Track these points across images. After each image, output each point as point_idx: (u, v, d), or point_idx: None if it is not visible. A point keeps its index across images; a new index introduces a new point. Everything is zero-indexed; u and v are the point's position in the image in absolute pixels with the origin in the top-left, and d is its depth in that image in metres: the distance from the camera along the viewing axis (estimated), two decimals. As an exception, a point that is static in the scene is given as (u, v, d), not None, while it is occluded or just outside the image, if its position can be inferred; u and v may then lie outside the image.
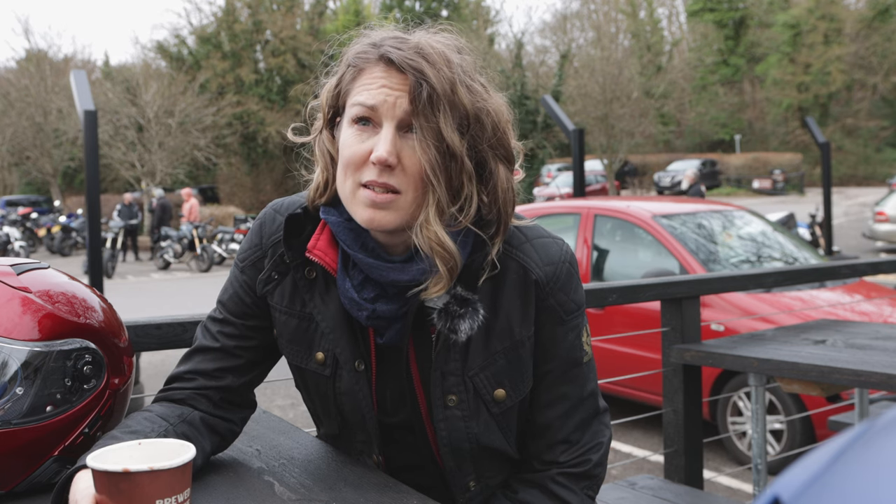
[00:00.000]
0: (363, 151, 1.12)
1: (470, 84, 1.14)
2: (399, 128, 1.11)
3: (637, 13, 42.80)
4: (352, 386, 1.23)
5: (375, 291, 1.18)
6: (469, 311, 1.15)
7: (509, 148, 1.18)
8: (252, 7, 35.31)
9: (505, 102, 1.20)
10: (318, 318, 1.23)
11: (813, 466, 0.46)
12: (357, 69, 1.15)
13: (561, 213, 6.63)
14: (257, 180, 35.56)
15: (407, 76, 1.10)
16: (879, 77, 39.24)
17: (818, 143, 11.01)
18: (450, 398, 1.20)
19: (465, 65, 1.15)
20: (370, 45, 1.15)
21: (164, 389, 1.29)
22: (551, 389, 1.25)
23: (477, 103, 1.14)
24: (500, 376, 1.21)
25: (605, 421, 1.30)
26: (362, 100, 1.12)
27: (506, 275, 1.21)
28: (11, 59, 42.86)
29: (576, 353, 1.25)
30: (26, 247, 20.90)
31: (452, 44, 1.17)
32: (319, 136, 1.22)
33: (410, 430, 1.27)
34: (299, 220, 1.23)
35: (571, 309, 1.24)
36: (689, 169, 26.05)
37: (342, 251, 1.20)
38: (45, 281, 1.21)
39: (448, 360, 1.20)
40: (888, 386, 2.09)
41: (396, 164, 1.11)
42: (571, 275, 1.25)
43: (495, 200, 1.16)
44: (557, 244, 1.25)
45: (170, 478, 0.93)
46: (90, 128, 5.45)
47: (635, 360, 5.28)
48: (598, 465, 1.26)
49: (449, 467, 1.25)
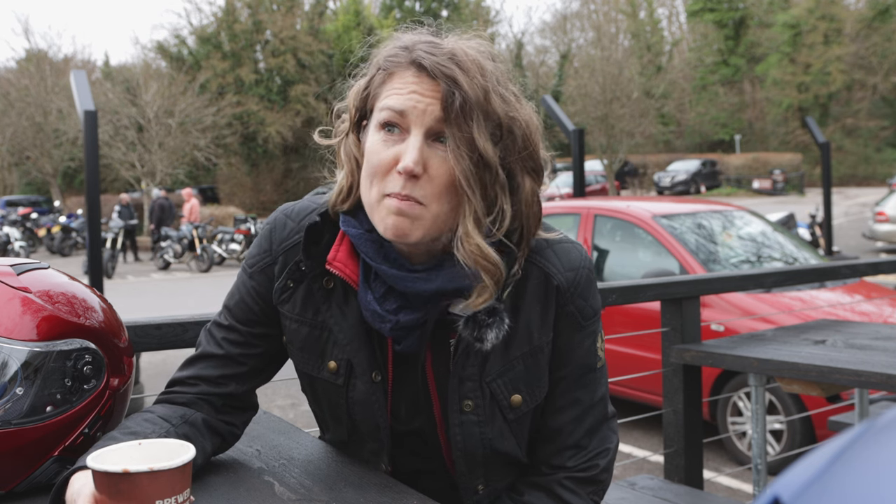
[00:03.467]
0: (389, 158, 1.09)
1: (503, 93, 1.12)
2: (427, 136, 1.09)
3: (637, 13, 42.81)
4: (367, 396, 1.22)
5: (398, 302, 1.15)
6: (496, 321, 1.13)
7: (538, 160, 1.15)
8: (252, 7, 35.31)
9: (535, 112, 1.17)
10: (335, 328, 1.21)
11: (813, 466, 0.46)
12: (387, 73, 1.12)
13: (561, 213, 6.62)
14: (257, 180, 35.55)
15: (438, 83, 1.08)
16: (879, 77, 39.23)
17: (818, 143, 11.01)
18: (466, 403, 1.19)
19: (498, 73, 1.13)
20: (401, 48, 1.12)
21: (165, 392, 1.28)
22: (565, 395, 1.24)
23: (510, 113, 1.11)
24: (518, 382, 1.20)
25: (613, 427, 1.30)
26: (391, 104, 1.09)
27: (527, 281, 1.19)
28: (11, 59, 42.93)
29: (590, 358, 1.24)
30: (26, 247, 20.90)
31: (486, 50, 1.14)
32: (346, 140, 1.19)
33: (421, 437, 1.25)
34: (317, 228, 1.21)
35: (589, 315, 1.23)
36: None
37: (363, 262, 1.18)
38: (45, 281, 1.21)
39: (466, 366, 1.18)
40: (888, 386, 2.09)
41: (422, 173, 1.08)
42: (591, 280, 1.24)
43: (519, 213, 1.14)
44: (577, 249, 1.24)
45: (170, 478, 0.93)
46: (90, 128, 5.45)
47: (635, 360, 5.28)
48: (604, 470, 1.26)
49: (460, 472, 1.24)
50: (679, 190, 34.78)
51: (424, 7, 39.06)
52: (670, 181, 35.15)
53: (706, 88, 42.06)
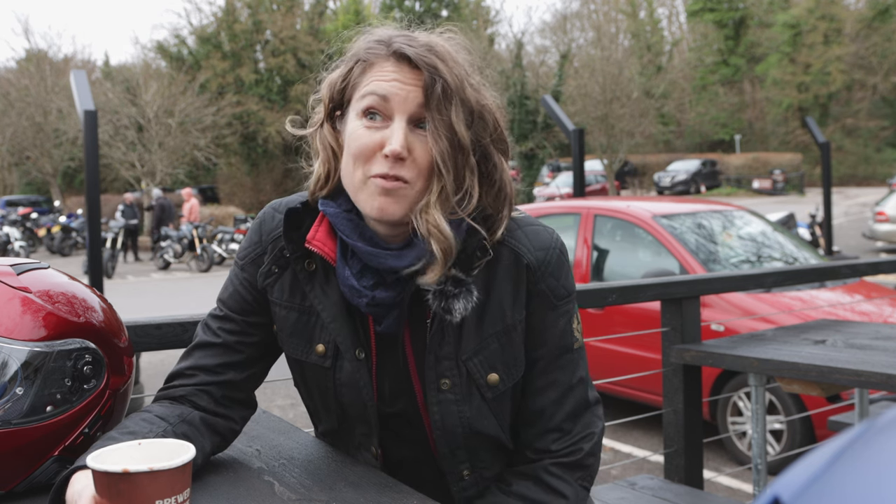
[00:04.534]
0: (373, 143, 1.15)
1: (473, 82, 1.20)
2: (409, 121, 1.15)
3: (637, 13, 42.82)
4: (352, 375, 1.25)
5: (374, 279, 1.20)
6: (463, 292, 1.18)
7: (507, 143, 1.24)
8: (252, 7, 35.29)
9: (499, 101, 1.25)
10: (319, 308, 1.25)
11: (813, 466, 0.46)
12: (367, 63, 1.18)
13: (561, 213, 6.63)
14: (257, 180, 35.55)
15: (419, 72, 1.15)
16: (879, 77, 39.24)
17: (818, 143, 11.00)
18: (443, 382, 1.23)
19: (468, 64, 1.21)
20: (378, 41, 1.19)
21: (164, 387, 1.29)
22: (543, 375, 1.27)
23: (481, 101, 1.19)
24: (493, 360, 1.23)
25: (598, 413, 1.32)
26: (375, 89, 1.15)
27: (499, 261, 1.23)
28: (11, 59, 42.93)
29: (567, 339, 1.28)
30: (26, 247, 20.90)
31: (457, 43, 1.22)
32: (320, 130, 1.24)
33: (407, 421, 1.28)
34: (298, 215, 1.26)
35: (562, 294, 1.27)
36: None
37: (340, 241, 1.23)
38: (45, 281, 1.21)
39: (442, 344, 1.22)
40: (888, 386, 2.09)
41: (408, 156, 1.14)
42: (562, 261, 1.28)
43: (499, 192, 1.21)
44: (548, 231, 1.29)
45: (169, 478, 0.93)
46: (90, 128, 5.44)
47: (635, 360, 5.28)
48: (590, 454, 1.28)
49: (442, 453, 1.26)
50: (679, 190, 34.79)
51: (424, 7, 39.03)
52: (670, 181, 35.16)
53: (706, 88, 42.06)
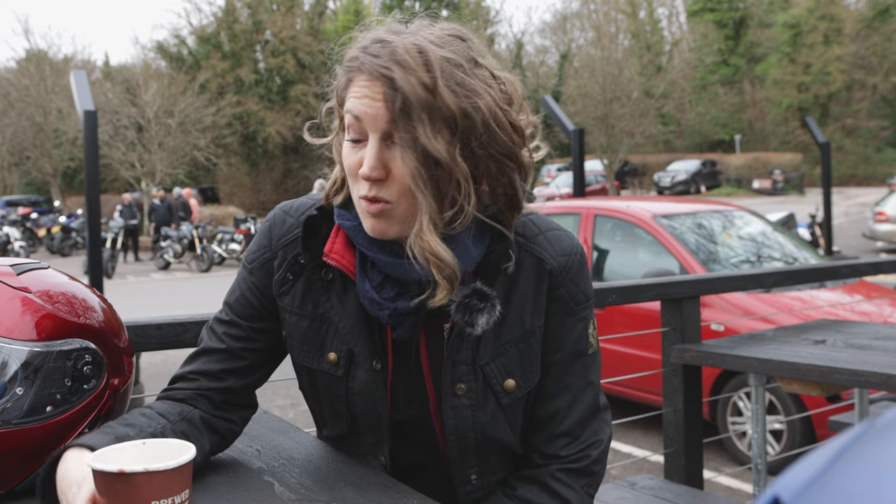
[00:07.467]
0: (355, 164, 1.12)
1: (458, 81, 1.06)
2: (384, 139, 1.09)
3: (637, 13, 42.78)
4: (367, 386, 1.23)
5: (395, 290, 1.18)
6: (487, 307, 1.15)
7: (505, 144, 1.11)
8: (252, 7, 35.29)
9: (518, 82, 1.16)
10: (336, 318, 1.23)
11: (813, 466, 0.46)
12: (348, 78, 1.13)
13: (561, 213, 6.63)
14: (257, 180, 35.55)
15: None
16: (879, 77, 39.23)
17: (818, 143, 11.00)
18: (459, 387, 1.21)
19: (456, 57, 1.08)
20: (358, 49, 1.12)
21: (166, 389, 1.29)
22: (557, 380, 1.26)
23: (462, 102, 1.06)
24: (511, 366, 1.22)
25: (607, 419, 1.31)
26: (350, 107, 1.10)
27: (521, 268, 1.22)
28: (11, 59, 42.93)
29: (582, 344, 1.26)
30: (26, 247, 20.90)
31: (446, 35, 1.11)
32: (336, 137, 1.22)
33: (417, 426, 1.27)
34: (315, 221, 1.23)
35: (581, 300, 1.26)
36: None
37: (359, 252, 1.20)
38: (45, 281, 1.21)
39: (460, 350, 1.20)
40: (888, 386, 2.09)
41: (385, 176, 1.09)
42: (583, 266, 1.26)
43: (497, 198, 1.16)
44: (569, 237, 1.27)
45: (166, 479, 0.93)
46: (90, 128, 5.44)
47: (635, 360, 5.28)
48: (597, 461, 1.26)
49: (453, 458, 1.24)
50: (679, 190, 34.78)
51: (424, 6, 39.03)
52: (670, 181, 35.16)
53: (706, 88, 42.05)
